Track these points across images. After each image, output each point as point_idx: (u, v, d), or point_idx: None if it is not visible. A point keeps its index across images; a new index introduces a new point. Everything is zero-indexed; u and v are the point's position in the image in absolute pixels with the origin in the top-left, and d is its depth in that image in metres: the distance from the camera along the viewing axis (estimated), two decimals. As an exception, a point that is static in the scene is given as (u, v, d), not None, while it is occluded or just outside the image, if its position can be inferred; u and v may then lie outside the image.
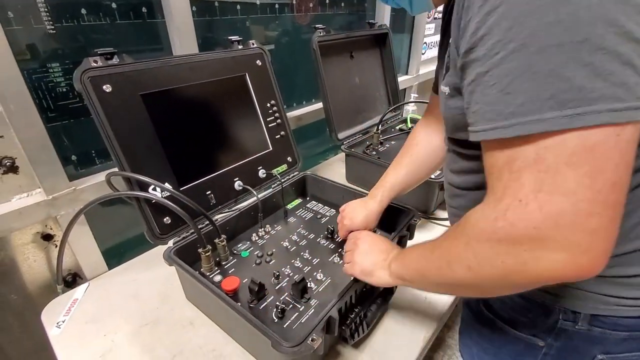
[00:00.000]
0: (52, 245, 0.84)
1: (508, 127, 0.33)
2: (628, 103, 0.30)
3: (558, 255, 0.33)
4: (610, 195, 0.31)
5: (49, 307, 0.79)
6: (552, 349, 0.54)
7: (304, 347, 0.53)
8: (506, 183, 0.35)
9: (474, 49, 0.35)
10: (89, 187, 0.83)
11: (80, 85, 0.65)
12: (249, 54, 0.95)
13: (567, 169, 0.31)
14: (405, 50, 2.04)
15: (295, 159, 1.06)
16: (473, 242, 0.40)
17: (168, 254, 0.73)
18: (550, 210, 0.32)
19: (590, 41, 0.29)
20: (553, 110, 0.31)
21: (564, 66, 0.30)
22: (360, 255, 0.64)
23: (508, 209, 0.34)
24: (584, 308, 0.49)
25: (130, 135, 0.71)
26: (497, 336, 0.60)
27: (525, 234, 0.33)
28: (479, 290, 0.46)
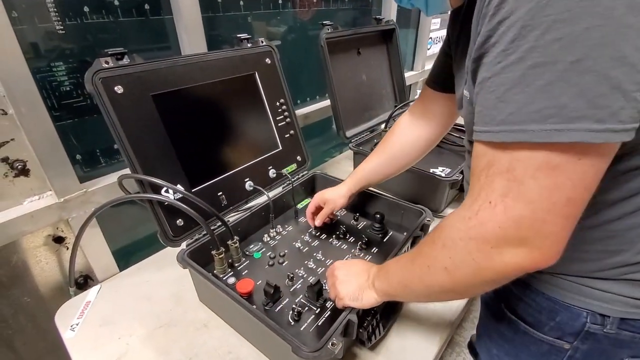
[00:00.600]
0: (63, 248, 0.84)
1: (497, 133, 0.37)
2: (607, 125, 0.32)
3: (517, 251, 0.38)
4: (564, 208, 0.35)
5: (62, 309, 0.78)
6: (577, 352, 0.54)
7: (324, 352, 0.53)
8: (482, 185, 0.39)
9: (485, 55, 0.38)
10: (99, 189, 0.82)
11: (92, 86, 0.64)
12: (258, 52, 0.93)
13: (531, 181, 0.35)
14: (411, 45, 2.02)
15: (304, 158, 1.05)
16: (449, 242, 0.44)
17: (182, 257, 0.72)
18: (513, 214, 0.37)
19: (583, 62, 0.31)
20: (536, 123, 0.33)
21: (553, 84, 0.32)
22: (342, 285, 0.62)
23: (480, 209, 0.39)
24: (614, 312, 0.48)
25: (142, 137, 0.70)
26: (520, 338, 0.59)
27: (492, 232, 0.38)
28: (456, 292, 0.47)
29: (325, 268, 0.80)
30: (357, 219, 0.95)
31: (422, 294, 0.52)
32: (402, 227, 0.91)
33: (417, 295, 0.54)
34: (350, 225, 0.94)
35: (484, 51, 0.38)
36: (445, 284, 0.46)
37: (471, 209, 0.40)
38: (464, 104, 0.52)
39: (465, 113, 0.53)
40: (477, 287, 0.44)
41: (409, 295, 0.55)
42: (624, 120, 0.32)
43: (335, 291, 0.62)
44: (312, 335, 0.64)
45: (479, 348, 0.73)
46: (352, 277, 0.62)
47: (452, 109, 0.75)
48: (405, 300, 0.58)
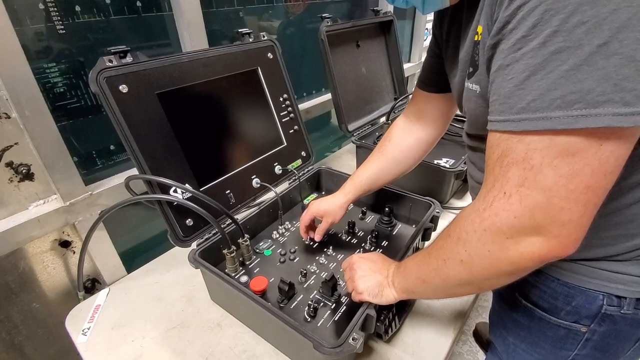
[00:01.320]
0: (69, 252, 0.82)
1: (517, 122, 0.35)
2: (635, 108, 0.31)
3: (534, 240, 0.37)
4: (582, 196, 0.35)
5: (72, 314, 0.78)
6: (595, 334, 0.54)
7: (346, 347, 0.53)
8: (496, 176, 0.39)
9: (502, 41, 0.36)
10: (105, 191, 0.81)
11: (97, 86, 0.62)
12: (260, 47, 0.92)
13: (548, 169, 0.35)
14: (407, 37, 2.01)
15: (309, 153, 1.04)
16: (463, 234, 0.43)
17: (193, 257, 0.71)
18: (528, 202, 0.36)
19: (609, 45, 0.30)
20: (560, 110, 0.33)
21: (578, 68, 0.31)
22: (361, 281, 0.61)
23: (494, 200, 0.39)
24: (630, 293, 0.49)
25: (149, 137, 0.69)
26: (536, 324, 0.60)
27: (507, 222, 0.38)
28: (474, 285, 0.47)
29: (337, 263, 0.80)
30: (365, 212, 0.95)
31: (440, 288, 0.51)
32: (410, 219, 0.92)
33: (435, 290, 0.53)
34: (358, 220, 0.94)
35: (500, 38, 0.36)
36: (463, 276, 0.46)
37: (485, 200, 0.40)
38: (472, 98, 0.51)
39: (474, 107, 0.51)
40: (495, 279, 0.44)
41: (427, 291, 0.54)
42: None
43: (354, 285, 0.62)
44: (329, 331, 0.64)
45: (493, 337, 0.74)
46: (372, 273, 0.62)
47: (446, 109, 0.74)
48: (424, 296, 0.57)
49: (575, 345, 0.57)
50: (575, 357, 0.59)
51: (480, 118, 0.50)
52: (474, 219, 0.42)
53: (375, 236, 0.85)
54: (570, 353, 0.58)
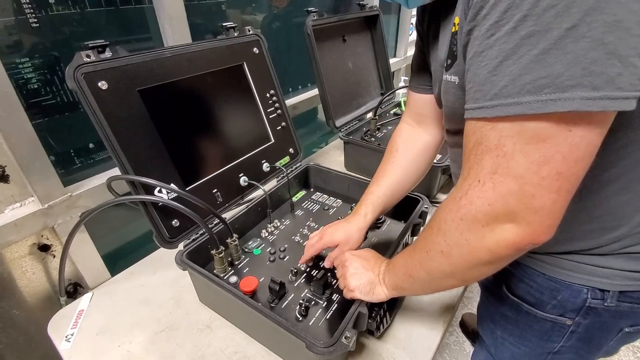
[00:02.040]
0: (49, 256, 0.79)
1: (490, 108, 0.35)
2: (604, 92, 0.31)
3: (508, 227, 0.38)
4: (553, 182, 0.34)
5: (54, 320, 0.75)
6: (579, 326, 0.56)
7: (339, 346, 0.53)
8: (471, 165, 0.39)
9: (476, 28, 0.36)
10: (85, 192, 0.77)
11: (74, 83, 0.59)
12: (246, 41, 0.90)
13: (520, 156, 0.35)
14: (393, 32, 2.01)
15: (297, 150, 1.03)
16: (443, 224, 0.44)
17: (180, 258, 0.69)
18: (501, 189, 0.36)
19: (578, 28, 0.30)
20: (530, 94, 0.32)
21: (548, 52, 0.31)
22: (353, 278, 0.61)
23: (469, 188, 0.39)
24: (613, 286, 0.50)
25: (131, 135, 0.67)
26: (523, 318, 0.61)
27: (481, 210, 0.38)
28: (456, 277, 0.47)
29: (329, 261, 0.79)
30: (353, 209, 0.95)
31: (426, 282, 0.51)
32: (398, 214, 0.92)
33: (422, 285, 0.53)
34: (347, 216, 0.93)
35: (475, 24, 0.36)
36: (444, 268, 0.46)
37: (461, 188, 0.40)
38: (450, 90, 0.51)
39: (453, 99, 0.51)
40: (475, 270, 0.44)
41: (414, 286, 0.55)
42: (622, 87, 0.31)
43: (346, 282, 0.62)
44: (322, 330, 0.64)
45: (481, 331, 0.75)
46: (363, 271, 0.61)
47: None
48: (413, 292, 0.58)
49: (561, 337, 0.58)
50: (560, 348, 0.60)
51: (459, 110, 0.49)
52: (451, 208, 0.42)
53: (365, 233, 0.85)
54: (555, 345, 0.60)
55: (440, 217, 0.45)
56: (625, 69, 0.30)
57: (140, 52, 0.68)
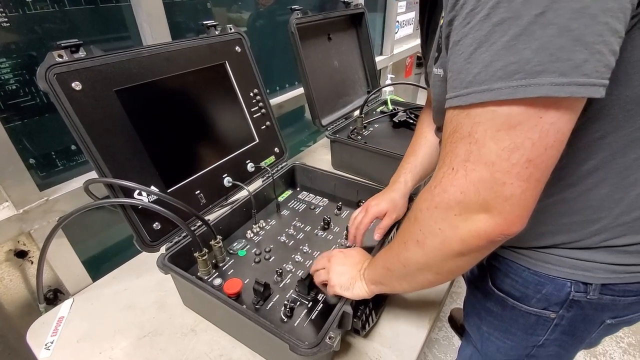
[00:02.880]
0: (27, 262, 0.77)
1: (465, 95, 0.36)
2: (571, 79, 0.31)
3: (480, 217, 0.37)
4: (523, 170, 0.34)
5: (33, 328, 0.72)
6: (563, 319, 0.57)
7: (323, 347, 0.52)
8: (447, 153, 0.39)
9: (456, 17, 0.36)
10: (63, 196, 0.75)
11: (46, 84, 0.57)
12: (227, 39, 0.88)
13: (491, 143, 0.35)
14: (379, 30, 2.00)
15: (282, 149, 1.02)
16: (419, 213, 0.44)
17: (162, 262, 0.68)
18: (473, 177, 0.36)
19: (545, 15, 0.30)
20: (502, 81, 0.33)
21: (518, 38, 0.31)
22: (335, 274, 0.61)
23: (443, 177, 0.39)
24: (595, 279, 0.51)
25: (108, 137, 0.65)
26: (508, 313, 0.62)
27: (454, 198, 0.38)
28: (431, 270, 0.46)
29: (313, 260, 0.78)
30: (341, 208, 0.95)
31: (402, 275, 0.51)
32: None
33: (399, 279, 0.52)
34: (333, 215, 0.93)
35: (455, 14, 0.36)
36: (419, 259, 0.46)
37: (436, 177, 0.41)
38: (437, 83, 0.51)
39: (439, 92, 0.51)
40: (449, 262, 0.43)
41: (392, 280, 0.54)
42: (588, 73, 0.31)
43: (328, 277, 0.62)
44: (307, 330, 0.63)
45: (468, 326, 0.76)
46: (347, 267, 0.61)
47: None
48: (391, 288, 0.56)
49: (545, 330, 0.59)
50: (544, 342, 0.61)
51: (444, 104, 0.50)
52: (426, 197, 0.42)
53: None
54: (540, 338, 0.61)
55: (417, 206, 0.45)
56: (591, 56, 0.31)
57: (116, 52, 0.67)
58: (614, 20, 0.30)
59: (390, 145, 1.17)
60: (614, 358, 1.53)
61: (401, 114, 1.35)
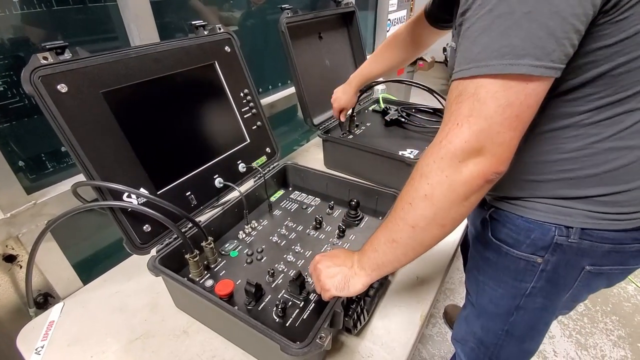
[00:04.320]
0: (16, 267, 0.76)
1: (467, 69, 0.46)
2: (543, 62, 0.42)
3: (478, 160, 0.46)
4: (513, 123, 0.45)
5: (23, 332, 0.72)
6: (548, 264, 0.64)
7: (313, 346, 0.52)
8: (452, 112, 0.47)
9: (468, 10, 0.46)
10: (51, 199, 0.75)
11: (31, 87, 0.57)
12: (217, 39, 0.88)
13: (491, 101, 0.44)
14: (370, 28, 2.01)
15: (274, 149, 1.02)
16: (425, 168, 0.49)
17: (153, 264, 0.68)
18: (475, 129, 0.45)
19: (532, 14, 0.41)
20: (496, 59, 0.43)
21: (511, 28, 0.42)
22: (326, 278, 0.61)
23: (449, 131, 0.47)
24: (575, 223, 0.59)
25: (96, 140, 0.64)
26: (502, 260, 0.69)
27: (459, 147, 0.46)
28: (437, 221, 0.51)
29: (305, 260, 0.79)
30: (332, 207, 0.95)
31: (410, 239, 0.53)
32: (377, 211, 0.92)
33: (406, 246, 0.54)
34: (325, 215, 0.93)
35: (466, 7, 0.46)
36: (427, 212, 0.50)
37: (442, 132, 0.48)
38: (453, 54, 0.59)
39: (452, 63, 0.59)
40: (454, 207, 0.49)
41: (397, 252, 0.55)
42: (554, 60, 0.43)
43: (320, 284, 0.62)
44: (299, 330, 0.63)
45: (468, 283, 0.84)
46: (336, 268, 0.61)
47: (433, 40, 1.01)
48: (393, 265, 0.57)
49: (532, 277, 0.67)
50: (532, 290, 0.68)
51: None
52: (432, 152, 0.49)
53: (343, 230, 0.85)
54: (527, 285, 0.68)
55: (422, 163, 0.50)
56: (558, 47, 0.42)
57: (102, 53, 0.66)
58: (578, 23, 0.41)
59: (382, 143, 1.18)
60: (604, 350, 1.56)
61: (393, 112, 1.35)
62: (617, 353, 1.54)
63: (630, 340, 1.59)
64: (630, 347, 1.57)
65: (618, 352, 1.55)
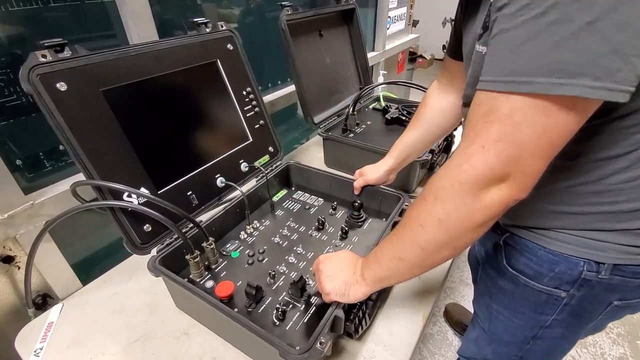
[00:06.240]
0: (14, 268, 0.75)
1: (504, 82, 0.39)
2: (603, 83, 0.35)
3: (500, 186, 0.42)
4: (545, 151, 0.40)
5: (21, 334, 0.71)
6: (573, 299, 0.59)
7: (313, 352, 0.51)
8: (477, 132, 0.42)
9: (506, 6, 0.38)
10: (49, 200, 0.73)
11: (29, 85, 0.55)
12: (219, 37, 0.87)
13: (526, 128, 0.39)
14: (370, 25, 1.99)
15: (276, 148, 1.01)
16: (441, 191, 0.46)
17: (153, 265, 0.67)
18: (504, 155, 0.40)
19: (595, 24, 0.33)
20: (543, 76, 0.36)
21: (566, 40, 0.35)
22: (327, 281, 0.60)
23: (472, 154, 0.42)
24: (608, 259, 0.53)
25: (95, 139, 0.63)
26: (520, 291, 0.64)
27: (482, 174, 0.42)
28: (450, 246, 0.48)
29: (307, 262, 0.78)
30: (335, 208, 0.94)
31: (418, 259, 0.51)
32: (381, 213, 0.91)
33: (412, 265, 0.52)
34: (328, 215, 0.92)
35: (506, 2, 0.38)
36: (440, 237, 0.47)
37: (463, 155, 0.43)
38: (478, 60, 0.52)
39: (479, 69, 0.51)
40: (469, 234, 0.46)
41: (403, 269, 0.53)
42: (619, 81, 0.35)
43: (321, 286, 0.61)
44: (299, 334, 0.63)
45: (477, 307, 0.78)
46: (338, 272, 0.60)
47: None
48: (396, 279, 0.56)
49: (554, 310, 0.62)
50: (552, 322, 0.63)
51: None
52: (451, 174, 0.45)
53: (346, 232, 0.84)
54: (548, 318, 0.63)
55: (437, 186, 0.46)
56: (625, 66, 0.34)
57: (103, 51, 0.65)
58: None
59: (383, 142, 1.17)
60: (603, 348, 1.56)
61: (393, 110, 1.34)
62: (616, 351, 1.55)
63: (630, 338, 1.60)
64: (629, 344, 1.57)
65: (617, 350, 1.55)
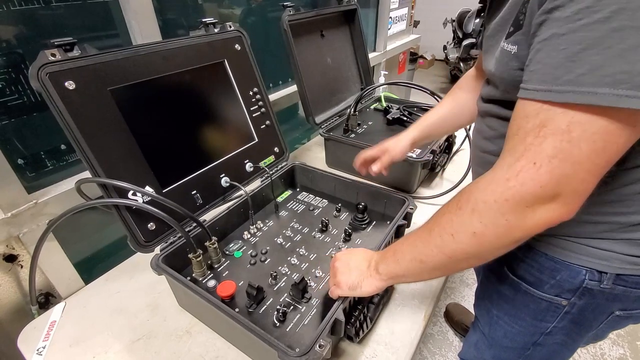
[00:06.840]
0: (17, 267, 0.75)
1: (561, 93, 0.36)
2: None
3: (549, 207, 0.39)
4: (600, 169, 0.37)
5: (24, 332, 0.71)
6: (574, 307, 0.58)
7: (312, 355, 0.51)
8: (527, 146, 0.39)
9: (560, 8, 0.35)
10: (52, 198, 0.73)
11: (38, 83, 0.55)
12: (227, 37, 0.87)
13: (585, 145, 0.36)
14: (372, 26, 2.00)
15: (282, 149, 1.01)
16: (480, 205, 0.43)
17: (156, 263, 0.67)
18: (557, 173, 0.37)
19: None
20: (608, 87, 0.33)
21: (635, 49, 0.32)
22: (342, 275, 0.59)
23: (521, 171, 0.39)
24: (611, 268, 0.52)
25: (102, 137, 0.63)
26: (520, 297, 0.63)
27: (531, 192, 0.39)
28: (479, 258, 0.46)
29: (309, 263, 0.78)
30: (340, 210, 0.94)
31: (440, 265, 0.49)
32: (385, 216, 0.91)
33: (433, 269, 0.50)
34: (332, 217, 0.92)
35: (559, 4, 0.35)
36: (471, 249, 0.45)
37: (511, 170, 0.40)
38: (504, 58, 0.49)
39: (505, 68, 0.50)
40: (503, 249, 0.44)
41: (422, 272, 0.51)
42: None
43: (335, 280, 0.60)
44: (299, 336, 0.62)
45: (477, 311, 0.77)
46: (353, 267, 0.59)
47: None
48: (413, 278, 0.55)
49: (555, 317, 0.61)
50: (552, 329, 0.62)
51: (508, 80, 0.49)
52: (494, 189, 0.41)
53: (349, 234, 0.84)
54: (548, 325, 0.62)
55: (477, 198, 0.43)
56: None
57: (111, 50, 0.65)
58: None
59: (384, 143, 1.17)
60: (603, 349, 1.57)
61: (395, 111, 1.35)
62: (616, 351, 1.56)
63: (629, 339, 1.61)
64: (629, 345, 1.59)
65: (617, 351, 1.56)
